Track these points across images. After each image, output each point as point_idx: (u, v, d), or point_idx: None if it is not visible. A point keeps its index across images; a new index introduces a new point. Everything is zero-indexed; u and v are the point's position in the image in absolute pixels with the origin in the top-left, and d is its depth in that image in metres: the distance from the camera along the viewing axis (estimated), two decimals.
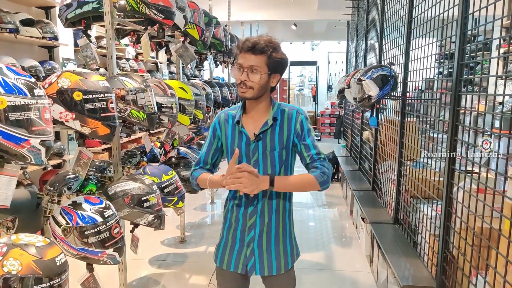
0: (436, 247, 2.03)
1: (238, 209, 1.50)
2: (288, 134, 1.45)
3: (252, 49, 1.37)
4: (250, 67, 1.38)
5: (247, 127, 1.46)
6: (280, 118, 1.46)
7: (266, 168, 1.46)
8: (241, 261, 1.51)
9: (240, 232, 1.51)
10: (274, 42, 1.40)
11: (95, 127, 1.53)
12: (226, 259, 1.53)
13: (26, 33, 3.37)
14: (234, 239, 1.52)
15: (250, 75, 1.39)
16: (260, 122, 1.45)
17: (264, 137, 1.44)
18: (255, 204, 1.48)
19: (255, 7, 7.40)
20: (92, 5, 2.15)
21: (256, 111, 1.47)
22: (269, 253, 1.49)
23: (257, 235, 1.49)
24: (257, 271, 1.50)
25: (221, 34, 3.62)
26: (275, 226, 1.50)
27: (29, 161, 1.15)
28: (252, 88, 1.40)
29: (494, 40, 2.40)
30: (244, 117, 1.49)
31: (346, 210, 4.46)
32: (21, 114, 1.10)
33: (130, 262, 2.48)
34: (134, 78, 1.99)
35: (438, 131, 2.29)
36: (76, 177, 2.09)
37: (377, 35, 3.78)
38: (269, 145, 1.44)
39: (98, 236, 1.56)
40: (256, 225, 1.49)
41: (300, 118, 1.46)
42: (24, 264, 1.12)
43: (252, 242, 1.49)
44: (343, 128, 7.30)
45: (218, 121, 1.53)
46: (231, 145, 1.48)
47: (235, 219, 1.52)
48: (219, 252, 1.56)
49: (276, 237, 1.50)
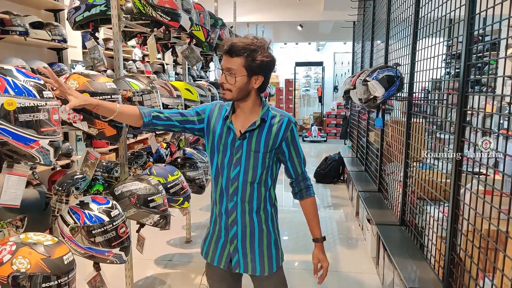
0: (443, 249, 2.02)
1: (221, 203, 1.52)
2: (275, 138, 1.46)
3: (229, 51, 1.38)
4: (227, 69, 1.40)
5: (235, 124, 1.48)
6: (269, 121, 1.46)
7: (248, 168, 1.47)
8: (225, 257, 1.53)
9: (224, 227, 1.53)
10: (255, 44, 1.38)
11: (102, 128, 1.55)
12: (211, 253, 1.56)
13: (36, 36, 3.41)
14: (219, 233, 1.54)
15: (228, 78, 1.40)
16: (248, 121, 1.46)
17: (250, 136, 1.45)
18: (235, 200, 1.49)
19: (261, 9, 7.42)
20: (100, 8, 2.17)
21: (242, 111, 1.48)
22: (253, 253, 1.51)
23: (240, 232, 1.50)
24: (241, 268, 1.52)
25: (226, 35, 3.64)
26: (258, 227, 1.51)
27: (38, 161, 1.17)
28: (230, 90, 1.41)
29: (502, 40, 2.38)
30: (234, 115, 1.49)
31: (352, 211, 4.44)
32: (31, 115, 1.12)
33: (136, 262, 2.50)
34: (140, 80, 2.01)
35: (445, 132, 2.28)
36: (83, 177, 2.12)
37: (383, 35, 3.77)
38: (254, 145, 1.45)
39: (104, 236, 1.57)
40: (237, 221, 1.50)
41: (291, 126, 1.48)
42: (32, 263, 1.14)
43: (235, 239, 1.51)
44: (349, 129, 7.28)
45: (212, 108, 1.54)
46: (218, 137, 1.49)
47: (218, 213, 1.54)
48: (205, 245, 1.60)
49: (260, 238, 1.51)
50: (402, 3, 3.05)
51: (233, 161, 1.47)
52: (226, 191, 1.50)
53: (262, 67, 1.40)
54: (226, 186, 1.49)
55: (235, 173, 1.47)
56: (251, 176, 1.47)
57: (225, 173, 1.49)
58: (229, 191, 1.49)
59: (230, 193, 1.49)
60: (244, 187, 1.47)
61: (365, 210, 3.42)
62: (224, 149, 1.48)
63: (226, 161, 1.48)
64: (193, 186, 2.69)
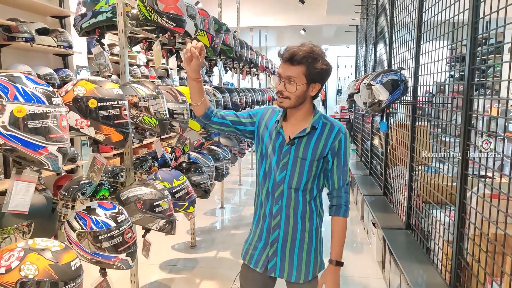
0: (449, 253, 2.01)
1: (266, 205, 1.52)
2: (323, 147, 1.45)
3: (290, 59, 1.38)
4: (288, 77, 1.39)
5: (286, 129, 1.48)
6: (320, 129, 1.45)
7: (293, 174, 1.46)
8: (262, 259, 1.52)
9: (266, 230, 1.52)
10: (315, 52, 1.39)
11: (109, 134, 1.56)
12: (250, 253, 1.56)
13: (42, 42, 3.45)
14: (260, 235, 1.54)
15: (287, 86, 1.39)
16: (298, 127, 1.46)
17: (299, 143, 1.45)
18: (280, 204, 1.49)
19: (264, 13, 7.45)
20: (106, 14, 2.19)
21: (295, 118, 1.48)
22: (291, 259, 1.50)
23: (281, 236, 1.49)
24: (276, 272, 1.51)
25: (230, 40, 3.66)
26: (300, 233, 1.49)
27: (47, 167, 1.17)
28: (288, 98, 1.41)
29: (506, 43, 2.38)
30: (284, 122, 1.50)
31: (357, 215, 4.43)
32: (40, 122, 1.13)
33: (141, 267, 2.51)
34: (146, 85, 2.03)
35: (450, 135, 2.27)
36: (89, 183, 2.13)
37: (387, 39, 3.78)
38: (301, 152, 1.45)
39: (111, 241, 1.58)
40: (280, 225, 1.49)
41: (340, 136, 1.46)
42: (40, 269, 1.14)
43: (276, 243, 1.50)
44: (353, 132, 7.27)
45: (264, 112, 1.56)
46: (267, 141, 1.50)
47: (263, 215, 1.54)
48: (245, 246, 1.60)
49: (300, 245, 1.50)
50: (406, 7, 3.06)
51: (280, 165, 1.47)
52: (272, 194, 1.49)
53: (321, 75, 1.41)
54: (273, 189, 1.49)
55: (281, 177, 1.47)
56: (296, 182, 1.46)
57: (272, 176, 1.49)
58: (275, 194, 1.49)
59: (276, 197, 1.49)
60: (289, 192, 1.47)
61: (370, 214, 3.41)
62: (272, 153, 1.48)
63: (273, 164, 1.48)
64: (198, 190, 2.70)
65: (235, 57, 3.99)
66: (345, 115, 10.18)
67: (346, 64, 11.64)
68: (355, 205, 4.79)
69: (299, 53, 1.37)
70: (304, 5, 6.90)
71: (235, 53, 3.91)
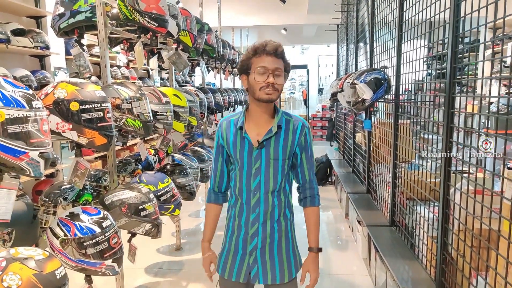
0: (434, 249, 2.05)
1: (240, 217, 1.49)
2: (292, 143, 1.45)
3: (275, 52, 1.39)
4: (276, 69, 1.39)
5: (250, 133, 1.45)
6: (285, 127, 1.45)
7: (268, 177, 1.44)
8: (244, 270, 1.49)
9: (242, 240, 1.49)
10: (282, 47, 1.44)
11: (92, 137, 1.51)
12: (228, 268, 1.52)
13: (18, 43, 3.33)
14: (236, 247, 1.51)
15: (276, 78, 1.39)
16: (263, 129, 1.44)
17: (268, 144, 1.43)
18: (257, 212, 1.47)
19: (245, 13, 7.44)
20: (85, 14, 2.13)
21: (261, 117, 1.45)
22: (273, 262, 1.48)
23: (260, 243, 1.48)
24: (260, 279, 1.49)
25: (213, 40, 3.63)
26: (277, 234, 1.49)
27: (28, 173, 1.13)
28: (277, 91, 1.40)
29: (481, 42, 2.45)
30: (247, 123, 1.46)
31: (341, 213, 4.47)
32: (20, 127, 1.08)
33: (126, 271, 2.45)
34: (129, 87, 1.98)
35: (433, 132, 2.32)
36: (71, 188, 2.07)
37: (368, 38, 3.82)
38: (272, 153, 1.43)
39: (96, 247, 1.54)
40: (258, 233, 1.47)
41: (305, 131, 1.47)
42: (24, 279, 1.10)
43: (254, 251, 1.48)
44: (335, 130, 7.35)
45: (220, 130, 1.52)
46: (233, 152, 1.47)
47: (237, 227, 1.50)
48: (221, 261, 1.55)
49: (279, 245, 1.49)
50: (386, 7, 3.10)
51: (253, 172, 1.44)
52: (247, 204, 1.47)
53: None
54: (247, 199, 1.46)
55: (256, 183, 1.45)
56: (272, 184, 1.45)
57: (244, 186, 1.46)
58: (251, 203, 1.46)
59: (253, 205, 1.46)
60: (266, 197, 1.45)
61: (355, 212, 3.44)
62: (242, 161, 1.45)
63: (245, 173, 1.45)
64: (183, 193, 2.67)
65: (217, 57, 3.96)
66: (326, 114, 10.29)
67: (327, 63, 11.76)
68: (339, 203, 4.84)
69: (279, 47, 1.41)
70: (285, 4, 6.91)
71: (218, 53, 3.88)
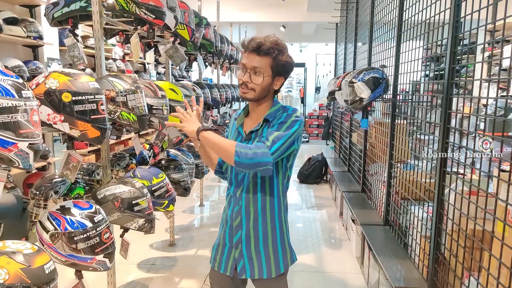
0: (427, 248, 2.05)
1: (228, 209, 1.52)
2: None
3: (257, 49, 1.33)
4: (254, 68, 1.35)
5: (245, 126, 1.48)
6: (273, 120, 1.43)
7: None
8: (230, 263, 1.50)
9: (228, 232, 1.50)
10: (280, 44, 1.36)
11: (85, 130, 1.48)
12: (218, 260, 1.54)
13: (10, 32, 3.27)
14: (224, 239, 1.52)
15: (253, 77, 1.36)
16: (257, 123, 1.46)
17: (255, 137, 1.44)
18: (240, 204, 1.46)
19: (244, 9, 7.38)
20: (80, 3, 2.09)
21: (256, 112, 1.46)
22: (259, 256, 1.47)
23: (244, 236, 1.46)
24: (247, 273, 1.48)
25: (211, 35, 3.59)
26: (262, 227, 1.46)
27: (17, 165, 1.10)
28: (253, 90, 1.37)
29: (479, 43, 2.45)
30: (248, 117, 1.50)
31: (336, 211, 4.47)
32: (9, 117, 1.05)
33: (119, 267, 2.43)
34: (124, 79, 1.95)
35: (429, 133, 2.31)
36: (63, 181, 2.03)
37: (367, 37, 3.81)
38: None
39: (87, 242, 1.51)
40: (242, 225, 1.47)
41: (284, 115, 1.39)
42: (11, 273, 1.07)
43: (240, 244, 1.48)
44: (331, 129, 7.35)
45: (231, 123, 1.59)
46: None
47: (225, 219, 1.53)
48: (213, 251, 1.58)
49: (264, 239, 1.46)
50: (386, 6, 3.09)
51: None
52: (234, 196, 1.48)
53: (286, 69, 1.39)
54: (235, 191, 1.48)
55: (241, 175, 1.46)
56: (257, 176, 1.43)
57: (233, 177, 1.48)
58: (236, 195, 1.47)
59: (237, 197, 1.47)
60: (249, 189, 1.44)
61: (349, 210, 3.44)
62: None
63: None
64: (178, 188, 2.64)
65: (215, 52, 3.93)
66: (323, 113, 10.29)
67: (325, 62, 11.74)
68: (333, 201, 4.84)
69: (266, 44, 1.33)
70: (284, 1, 6.88)
71: (216, 48, 3.85)
